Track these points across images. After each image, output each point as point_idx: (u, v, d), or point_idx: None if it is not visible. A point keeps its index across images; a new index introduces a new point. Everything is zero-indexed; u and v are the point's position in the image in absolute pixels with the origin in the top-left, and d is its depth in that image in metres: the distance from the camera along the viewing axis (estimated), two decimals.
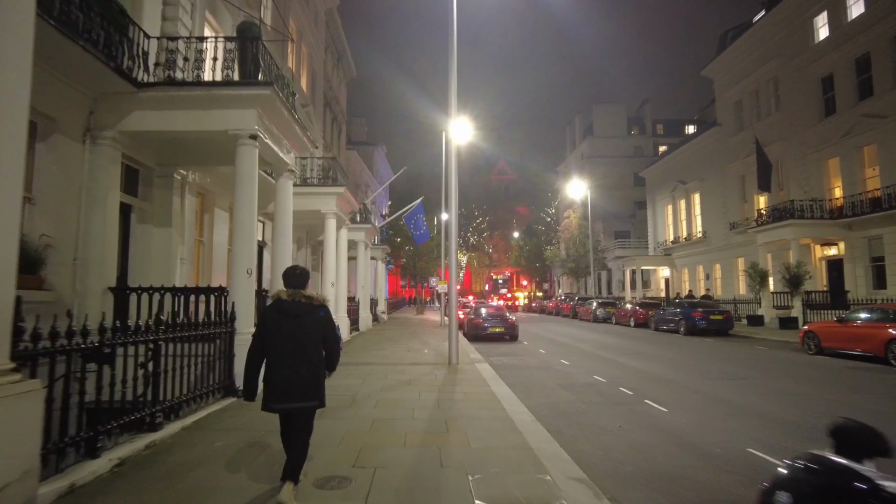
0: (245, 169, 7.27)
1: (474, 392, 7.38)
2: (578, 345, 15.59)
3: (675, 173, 34.93)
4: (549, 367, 10.82)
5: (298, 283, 3.60)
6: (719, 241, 29.58)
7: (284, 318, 3.48)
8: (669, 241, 35.88)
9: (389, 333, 18.16)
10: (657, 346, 15.31)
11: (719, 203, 29.53)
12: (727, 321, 18.97)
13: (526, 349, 14.45)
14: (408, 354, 11.82)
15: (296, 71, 17.87)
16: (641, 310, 23.99)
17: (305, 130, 8.98)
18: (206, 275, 10.82)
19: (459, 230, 70.96)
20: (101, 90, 6.97)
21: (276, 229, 9.10)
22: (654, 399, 7.50)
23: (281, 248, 9.06)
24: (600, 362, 11.65)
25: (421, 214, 25.46)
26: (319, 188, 13.15)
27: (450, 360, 10.09)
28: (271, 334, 3.47)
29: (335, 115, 25.98)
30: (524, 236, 61.42)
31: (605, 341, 16.81)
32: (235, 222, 7.42)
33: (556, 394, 7.97)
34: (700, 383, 8.90)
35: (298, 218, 15.25)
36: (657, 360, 11.90)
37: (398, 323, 25.03)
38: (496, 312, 17.37)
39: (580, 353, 13.51)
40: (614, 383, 8.84)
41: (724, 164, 28.88)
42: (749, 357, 12.58)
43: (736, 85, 27.75)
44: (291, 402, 3.43)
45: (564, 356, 12.70)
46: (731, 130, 28.35)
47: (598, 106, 51.64)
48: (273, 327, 3.48)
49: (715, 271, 30.62)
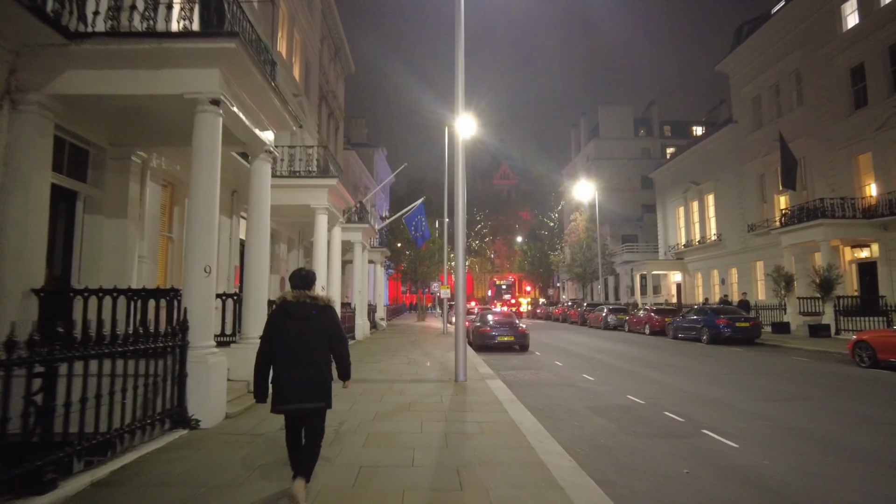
0: (204, 142, 5.84)
1: (490, 421, 5.90)
2: (597, 356, 14.10)
3: (688, 174, 33.52)
4: (571, 384, 9.33)
5: (305, 285, 3.60)
6: (736, 244, 28.11)
7: (289, 319, 3.48)
8: (681, 245, 34.41)
9: (388, 343, 16.68)
10: (684, 356, 13.81)
11: (736, 204, 28.09)
12: (754, 329, 17.47)
13: (540, 361, 12.96)
14: (408, 369, 10.34)
15: (287, 58, 16.52)
16: (657, 316, 22.50)
17: (286, 104, 7.57)
18: (176, 276, 9.37)
19: None
20: (23, 42, 5.55)
21: (251, 222, 7.67)
22: (713, 428, 6.02)
23: (256, 245, 7.62)
24: (628, 377, 10.16)
25: (422, 216, 24.07)
26: (308, 180, 11.73)
27: (457, 377, 8.62)
28: (277, 336, 3.47)
29: (332, 111, 24.65)
30: (528, 241, 59.94)
31: (625, 351, 15.31)
32: (190, 206, 5.99)
33: (590, 422, 6.49)
34: (757, 405, 7.42)
35: (287, 214, 13.83)
36: (692, 375, 10.41)
37: (398, 331, 23.55)
38: (505, 320, 15.87)
39: (602, 365, 12.02)
40: (656, 406, 7.36)
41: (741, 163, 27.47)
42: (795, 371, 11.08)
43: (753, 80, 26.39)
44: (298, 403, 3.42)
45: (585, 370, 11.21)
46: (748, 128, 26.96)
47: (604, 107, 50.36)
48: (278, 329, 3.48)
49: (731, 276, 29.13)
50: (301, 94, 17.48)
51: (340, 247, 13.82)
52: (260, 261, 7.55)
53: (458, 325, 8.91)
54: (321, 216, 11.79)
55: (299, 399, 3.42)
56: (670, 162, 36.53)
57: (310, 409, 3.46)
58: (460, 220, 8.85)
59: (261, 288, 7.53)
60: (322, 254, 11.85)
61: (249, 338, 7.30)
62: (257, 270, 7.51)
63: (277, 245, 15.61)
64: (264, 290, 7.64)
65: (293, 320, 3.48)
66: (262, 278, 7.57)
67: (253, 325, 7.38)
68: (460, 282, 8.84)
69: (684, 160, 34.20)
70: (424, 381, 8.78)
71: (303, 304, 3.51)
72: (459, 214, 8.79)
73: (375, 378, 8.97)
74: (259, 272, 7.53)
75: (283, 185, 11.69)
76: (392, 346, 15.23)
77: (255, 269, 7.50)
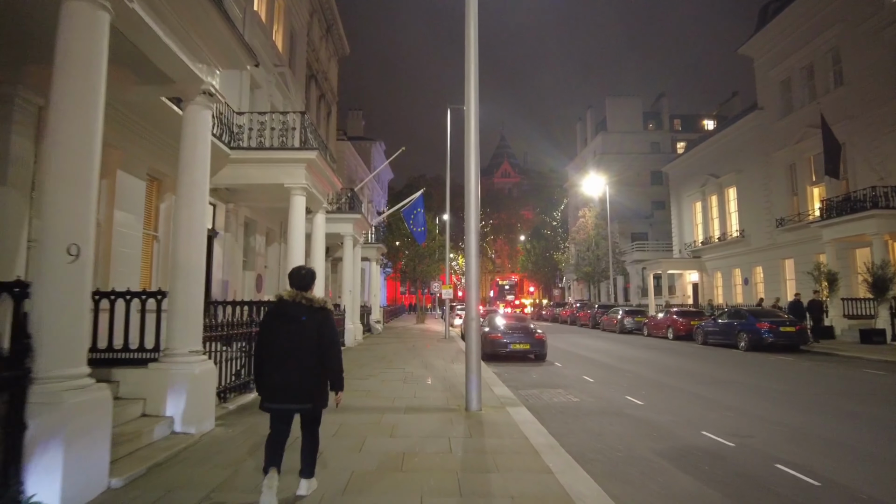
0: (72, 47, 3.65)
1: (532, 494, 3.70)
2: (628, 367, 11.91)
3: (705, 166, 31.35)
4: (618, 412, 7.13)
5: (303, 285, 3.56)
6: (761, 241, 25.94)
7: (282, 318, 3.46)
8: (698, 242, 32.22)
9: (382, 350, 14.48)
10: (731, 368, 11.62)
11: (761, 197, 25.92)
12: (800, 334, 15.33)
13: (564, 375, 10.76)
14: (403, 388, 8.14)
15: (267, 21, 14.32)
16: (681, 319, 20.32)
17: (233, 26, 5.37)
18: (103, 272, 7.17)
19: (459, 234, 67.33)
20: None
21: (181, 189, 5.46)
22: (863, 495, 3.85)
23: (188, 223, 5.41)
24: (683, 399, 7.97)
25: (421, 209, 21.88)
26: (282, 152, 9.54)
27: (468, 404, 6.43)
28: (269, 334, 3.46)
29: (323, 93, 22.46)
30: (531, 239, 57.71)
31: (657, 360, 13.13)
32: (46, 145, 3.76)
33: (678, 484, 4.29)
34: (889, 447, 5.25)
35: (261, 198, 11.62)
36: (761, 394, 8.22)
37: (395, 334, 21.33)
38: (518, 324, 13.62)
39: (641, 381, 9.83)
40: (753, 449, 5.18)
41: (767, 152, 25.29)
42: (884, 389, 8.91)
43: (783, 62, 24.22)
44: (282, 402, 3.42)
45: (625, 388, 9.02)
46: (776, 114, 24.79)
47: (612, 99, 48.15)
48: (271, 327, 3.47)
49: (755, 275, 26.96)
50: (283, 65, 15.29)
51: (324, 238, 11.63)
52: (191, 247, 5.35)
53: (469, 335, 6.72)
54: (297, 198, 9.59)
55: (283, 398, 3.41)
56: (686, 154, 34.33)
57: (296, 410, 3.47)
58: (472, 194, 6.65)
59: (193, 283, 5.33)
60: (298, 244, 9.64)
61: (176, 354, 5.10)
62: (188, 260, 5.31)
63: (253, 237, 13.41)
64: (199, 286, 5.44)
65: (286, 319, 3.45)
66: (195, 270, 5.37)
67: (183, 334, 5.19)
68: (472, 276, 6.64)
69: (701, 152, 32.02)
70: (425, 409, 6.59)
71: (297, 305, 3.47)
72: (472, 185, 6.60)
73: (359, 405, 6.77)
74: (191, 262, 5.33)
75: (251, 158, 9.53)
76: (387, 355, 13.03)
77: (185, 257, 5.30)
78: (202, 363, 5.29)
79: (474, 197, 6.66)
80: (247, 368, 7.27)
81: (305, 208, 12.66)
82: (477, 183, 6.63)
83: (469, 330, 6.68)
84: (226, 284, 11.29)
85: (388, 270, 40.71)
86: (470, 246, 6.66)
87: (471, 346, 6.61)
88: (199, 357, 5.29)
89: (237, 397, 6.82)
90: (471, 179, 6.63)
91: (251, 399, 6.89)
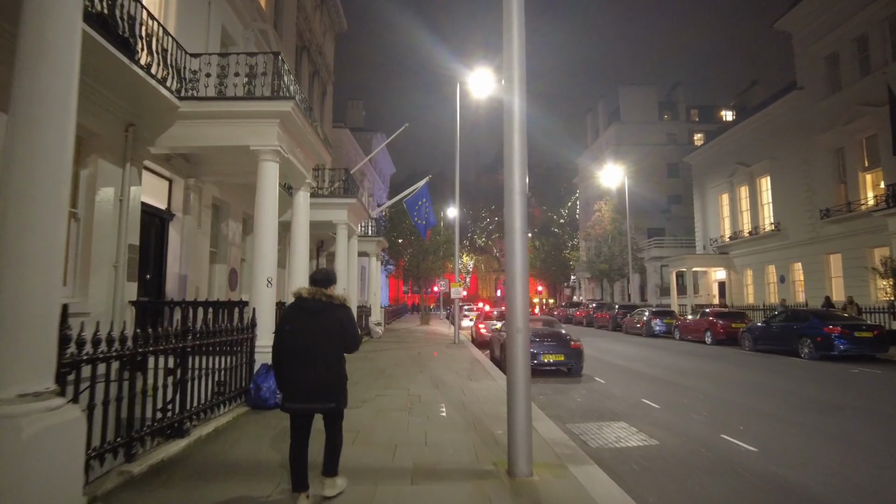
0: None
1: None
2: (684, 381, 9.54)
3: (733, 154, 28.89)
4: (732, 466, 4.74)
5: (322, 284, 3.53)
6: (801, 234, 23.48)
7: (302, 315, 3.44)
8: (725, 237, 29.77)
9: (382, 360, 12.10)
10: (823, 386, 9.23)
11: (801, 186, 23.46)
12: (878, 340, 12.90)
13: (614, 396, 8.39)
14: (409, 425, 5.76)
15: None
16: (721, 321, 17.94)
17: None
18: None
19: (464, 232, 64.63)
20: None
21: None
22: None
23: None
24: (806, 438, 5.59)
25: (426, 199, 19.49)
26: (245, 103, 7.17)
27: (512, 465, 4.06)
28: (289, 332, 3.42)
29: (317, 69, 20.13)
30: (540, 236, 55.25)
31: (717, 373, 10.75)
32: None
33: None
34: None
35: (228, 169, 9.30)
36: None
37: (397, 338, 18.97)
38: (548, 329, 11.18)
39: (720, 405, 7.45)
40: None
41: (808, 136, 22.83)
42: None
43: (828, 34, 21.74)
44: (305, 402, 3.35)
45: (707, 417, 6.64)
46: (819, 93, 22.32)
47: (625, 88, 45.71)
48: (291, 324, 3.43)
49: (793, 272, 24.51)
50: (265, 22, 12.91)
51: (307, 224, 9.23)
52: (34, 212, 2.98)
53: (514, 361, 4.25)
54: (267, 164, 7.22)
55: (307, 398, 3.34)
56: (711, 142, 31.82)
57: (318, 410, 3.40)
58: (515, 132, 4.28)
59: (33, 275, 2.96)
60: (268, 230, 7.25)
61: None
62: (21, 237, 2.94)
63: (224, 223, 11.10)
64: (45, 279, 3.07)
65: (306, 316, 3.41)
66: (37, 254, 3.01)
67: (11, 365, 2.82)
68: (518, 261, 4.23)
69: (728, 139, 29.56)
70: (444, 471, 4.22)
71: (317, 302, 3.45)
72: (515, 112, 4.22)
73: (342, 461, 4.40)
74: (28, 240, 2.98)
75: (207, 112, 7.19)
76: (386, 367, 10.67)
77: (16, 233, 2.93)
78: (50, 414, 2.93)
79: (518, 138, 4.29)
80: (185, 397, 4.94)
81: (286, 185, 10.32)
82: (522, 108, 4.26)
83: (513, 352, 4.25)
84: (184, 280, 8.96)
85: (389, 268, 38.36)
86: (514, 212, 4.29)
87: (516, 380, 4.21)
88: (46, 403, 2.93)
89: (157, 448, 4.47)
90: (513, 106, 4.25)
91: (180, 449, 4.55)
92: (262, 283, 7.03)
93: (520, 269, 4.26)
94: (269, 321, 6.97)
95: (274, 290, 7.16)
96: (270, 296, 7.10)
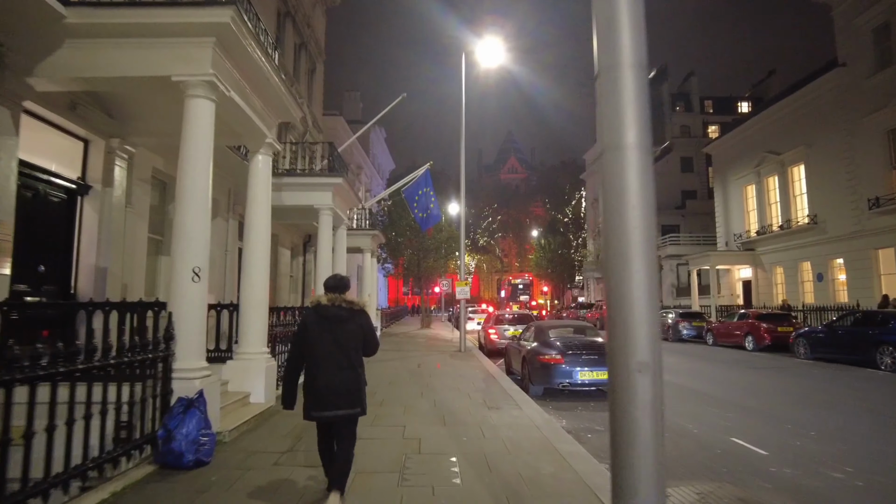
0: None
1: None
2: (758, 404, 7.23)
3: (760, 143, 26.58)
4: None
5: (339, 290, 3.50)
6: (843, 228, 21.16)
7: (324, 323, 3.40)
8: (752, 233, 27.44)
9: (372, 376, 9.75)
10: None
11: (842, 173, 21.15)
12: None
13: (688, 433, 6.08)
14: (400, 498, 3.47)
15: None
16: (765, 324, 15.65)
17: None
18: None
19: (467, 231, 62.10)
20: None
21: None
22: None
23: None
24: None
25: (428, 188, 17.14)
26: (163, 11, 4.87)
27: None
28: (311, 340, 3.39)
29: (304, 41, 17.88)
30: (546, 235, 52.89)
31: (784, 387, 8.44)
32: None
33: None
34: None
35: (161, 116, 7.04)
36: None
37: (394, 344, 16.66)
38: (583, 339, 8.67)
39: (836, 440, 5.15)
40: None
41: (852, 118, 20.54)
42: None
43: (877, 3, 19.48)
44: (332, 409, 3.31)
45: (843, 464, 4.34)
46: (866, 70, 20.02)
47: None
48: (313, 333, 3.40)
49: (832, 270, 22.18)
50: None
51: (268, 199, 6.92)
52: None
53: (633, 441, 1.96)
54: (197, 102, 4.90)
55: (334, 405, 3.30)
56: (733, 131, 29.48)
57: (344, 416, 3.34)
58: None
59: None
60: (195, 194, 4.93)
61: None
62: None
63: (172, 204, 8.76)
64: None
65: (328, 324, 3.38)
66: None
67: None
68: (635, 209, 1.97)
69: (754, 127, 27.26)
70: None
71: (339, 308, 3.42)
72: None
73: None
74: None
75: (113, 25, 4.89)
76: (377, 387, 8.36)
77: None
78: None
79: None
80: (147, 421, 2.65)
81: (240, 148, 8.06)
82: None
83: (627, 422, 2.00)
84: (103, 274, 6.66)
85: (388, 267, 36.02)
86: (622, 104, 2.00)
87: (635, 483, 1.91)
88: None
89: None
90: None
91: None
92: (184, 277, 4.73)
93: (640, 242, 1.97)
94: (195, 332, 4.69)
95: (204, 286, 4.85)
96: (199, 295, 4.80)
